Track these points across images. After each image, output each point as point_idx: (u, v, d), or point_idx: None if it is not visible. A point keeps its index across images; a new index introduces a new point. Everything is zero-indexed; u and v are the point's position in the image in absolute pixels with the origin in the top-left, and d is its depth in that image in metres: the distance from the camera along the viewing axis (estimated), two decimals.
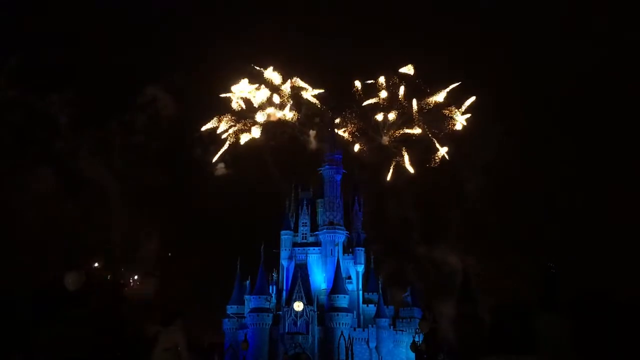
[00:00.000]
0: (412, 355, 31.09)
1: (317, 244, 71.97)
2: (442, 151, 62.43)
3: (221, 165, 68.77)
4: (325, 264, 70.40)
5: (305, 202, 74.61)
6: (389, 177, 68.61)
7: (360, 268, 71.77)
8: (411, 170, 68.00)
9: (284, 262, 71.94)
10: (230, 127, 67.42)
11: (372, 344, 66.42)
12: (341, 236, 71.62)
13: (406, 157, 69.09)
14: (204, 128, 69.69)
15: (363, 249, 72.58)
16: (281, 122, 71.37)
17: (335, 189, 73.54)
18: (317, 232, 72.47)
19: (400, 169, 71.60)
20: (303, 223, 73.55)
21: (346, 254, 71.71)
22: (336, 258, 69.18)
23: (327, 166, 74.15)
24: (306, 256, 71.67)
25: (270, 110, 71.01)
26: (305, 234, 73.20)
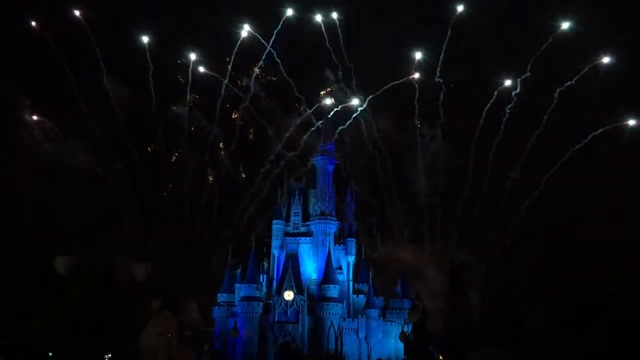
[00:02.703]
0: (401, 345, 31.31)
1: (308, 234, 72.06)
2: None
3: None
4: (317, 254, 70.55)
5: (297, 192, 74.57)
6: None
7: (351, 259, 71.96)
8: None
9: (275, 252, 71.98)
10: None
11: (362, 334, 66.72)
12: (332, 226, 71.75)
13: None
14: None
15: (354, 239, 72.77)
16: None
17: (327, 180, 73.64)
18: (308, 222, 72.57)
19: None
20: (295, 213, 73.57)
21: (337, 245, 71.87)
22: (327, 248, 69.37)
23: (319, 157, 74.26)
24: (297, 246, 71.76)
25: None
26: (297, 224, 73.23)
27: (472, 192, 67.52)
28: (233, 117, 75.11)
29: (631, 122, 57.55)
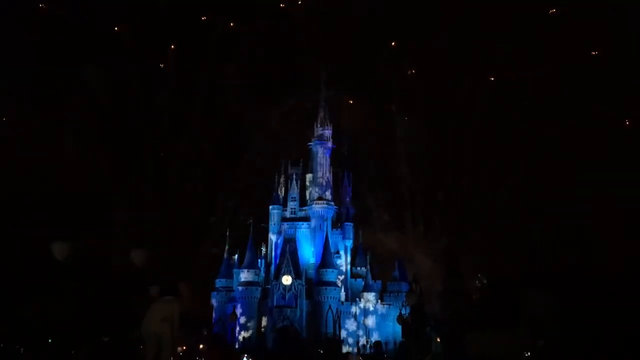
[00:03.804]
0: (399, 328, 31.49)
1: (306, 218, 72.19)
2: None
3: None
4: (314, 239, 70.72)
5: (294, 177, 74.58)
6: None
7: (349, 243, 72.23)
8: None
9: (272, 237, 72.15)
10: None
11: (360, 318, 67.23)
12: (330, 211, 71.88)
13: None
14: None
15: (352, 224, 72.95)
16: None
17: (325, 165, 73.59)
18: (306, 207, 72.66)
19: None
20: (292, 198, 73.64)
21: (335, 229, 72.10)
22: (325, 233, 69.52)
23: (316, 141, 74.06)
24: (295, 231, 71.93)
25: None
26: (294, 208, 73.33)
27: (457, 178, 68.07)
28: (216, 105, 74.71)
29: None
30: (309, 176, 74.88)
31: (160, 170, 70.62)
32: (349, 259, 71.84)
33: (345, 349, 63.06)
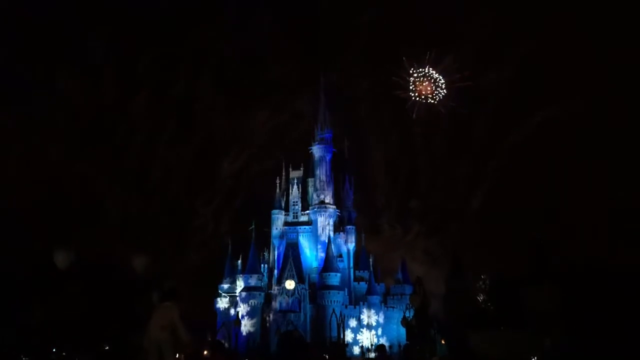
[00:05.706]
0: (403, 330, 31.27)
1: (308, 223, 72.08)
2: None
3: None
4: (317, 243, 70.59)
5: (295, 182, 74.51)
6: None
7: (351, 246, 72.06)
8: None
9: (275, 241, 72.04)
10: None
11: (364, 321, 66.92)
12: (332, 215, 71.75)
13: None
14: None
15: (354, 227, 72.77)
16: None
17: (326, 168, 73.50)
18: (308, 211, 72.55)
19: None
20: (294, 202, 73.55)
21: (337, 233, 71.92)
22: (327, 236, 69.37)
23: (317, 145, 74.00)
24: (297, 235, 71.80)
25: None
26: (296, 213, 73.23)
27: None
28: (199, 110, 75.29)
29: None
30: (310, 180, 74.80)
31: (144, 178, 70.85)
32: (351, 262, 71.67)
33: (349, 353, 62.82)
